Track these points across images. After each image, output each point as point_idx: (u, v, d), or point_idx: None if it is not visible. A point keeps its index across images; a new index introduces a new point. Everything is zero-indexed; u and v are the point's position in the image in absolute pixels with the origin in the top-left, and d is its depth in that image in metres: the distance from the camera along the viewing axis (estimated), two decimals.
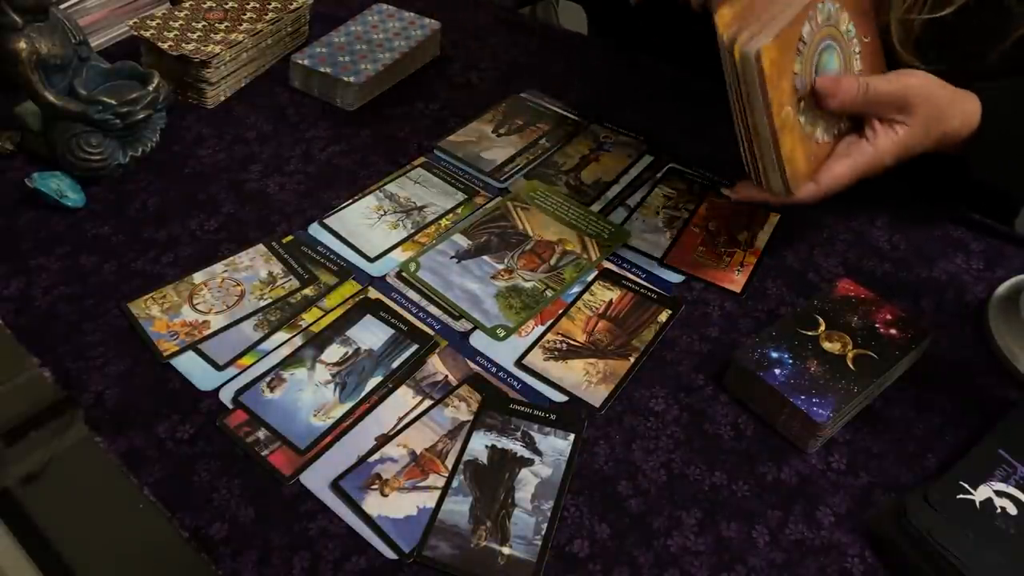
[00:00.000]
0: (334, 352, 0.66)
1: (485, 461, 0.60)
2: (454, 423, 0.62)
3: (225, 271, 0.72)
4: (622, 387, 0.65)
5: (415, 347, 0.67)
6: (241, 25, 0.91)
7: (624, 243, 0.77)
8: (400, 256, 0.75)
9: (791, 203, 0.68)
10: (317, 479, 0.59)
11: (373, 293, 0.71)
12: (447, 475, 0.59)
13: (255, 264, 0.73)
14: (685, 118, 0.92)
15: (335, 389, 0.64)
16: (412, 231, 0.77)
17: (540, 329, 0.69)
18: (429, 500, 0.58)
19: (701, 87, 0.93)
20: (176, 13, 0.92)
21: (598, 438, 0.62)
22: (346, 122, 0.89)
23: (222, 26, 0.91)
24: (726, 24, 0.62)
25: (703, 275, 0.75)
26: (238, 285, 0.71)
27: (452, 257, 0.75)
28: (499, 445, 0.61)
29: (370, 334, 0.68)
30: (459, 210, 0.80)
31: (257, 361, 0.65)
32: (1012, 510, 0.56)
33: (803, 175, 0.66)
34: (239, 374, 0.65)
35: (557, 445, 0.61)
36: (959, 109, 0.68)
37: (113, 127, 0.76)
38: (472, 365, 0.66)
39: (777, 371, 0.62)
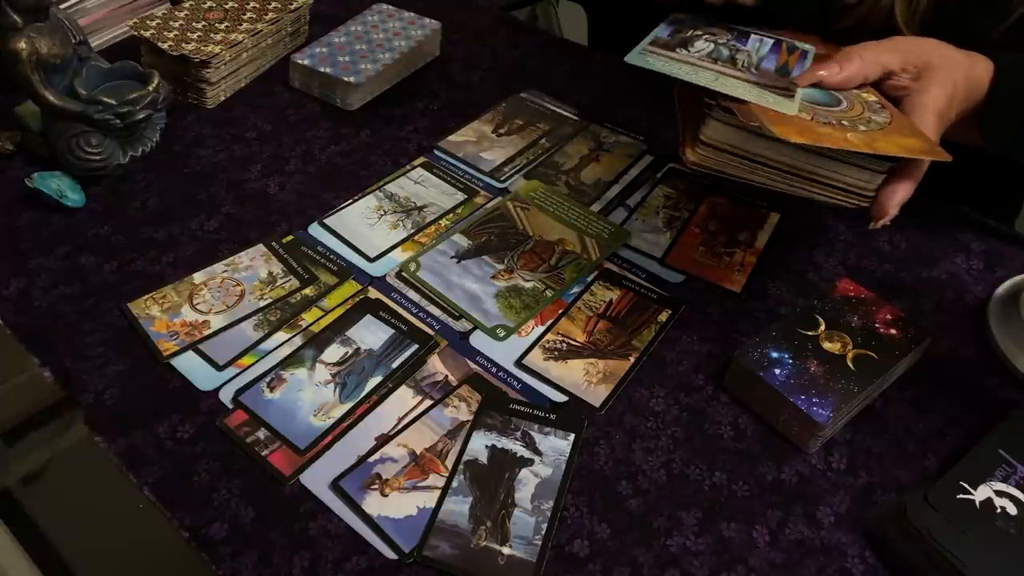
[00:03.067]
0: (334, 352, 0.66)
1: (485, 461, 0.60)
2: (454, 423, 0.62)
3: (225, 271, 0.72)
4: (622, 387, 0.65)
5: (415, 347, 0.67)
6: (241, 25, 0.91)
7: (624, 243, 0.77)
8: (400, 256, 0.75)
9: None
10: (317, 479, 0.59)
11: (373, 293, 0.71)
12: (447, 475, 0.59)
13: (255, 264, 0.73)
14: None
15: (335, 389, 0.64)
16: (412, 231, 0.77)
17: (540, 329, 0.69)
18: (429, 500, 0.58)
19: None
20: (176, 13, 0.92)
21: (598, 438, 0.62)
22: (346, 122, 0.89)
23: (222, 26, 0.90)
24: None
25: (703, 275, 0.75)
26: (238, 285, 0.71)
27: (452, 257, 0.75)
28: (499, 445, 0.61)
29: (370, 334, 0.68)
30: (459, 210, 0.80)
31: (257, 361, 0.65)
32: (1012, 510, 0.56)
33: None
34: (239, 374, 0.65)
35: (557, 445, 0.61)
36: (974, 59, 0.65)
37: (113, 127, 0.76)
38: (472, 365, 0.66)
39: (777, 371, 0.62)
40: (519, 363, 0.67)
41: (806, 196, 0.62)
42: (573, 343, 0.68)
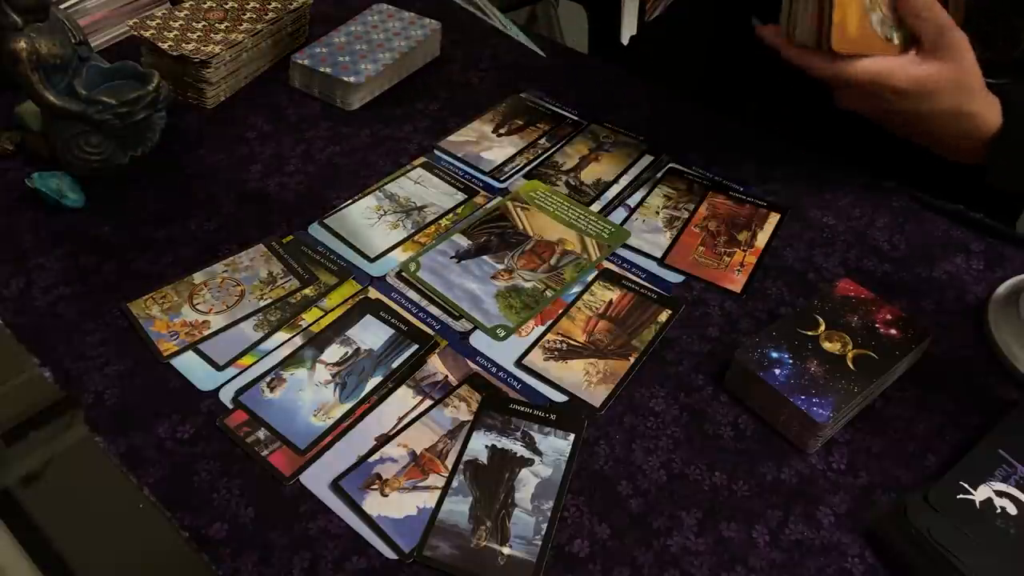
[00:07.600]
0: (334, 352, 0.66)
1: (485, 461, 0.60)
2: (454, 423, 0.62)
3: (225, 271, 0.72)
4: (622, 387, 0.65)
5: (415, 347, 0.67)
6: (241, 25, 0.91)
7: (624, 243, 0.77)
8: (400, 256, 0.75)
9: (806, 65, 0.66)
10: (317, 479, 0.59)
11: (373, 293, 0.71)
12: (447, 475, 0.59)
13: (255, 264, 0.73)
14: (685, 118, 0.92)
15: (335, 389, 0.64)
16: (412, 231, 0.77)
17: (540, 329, 0.69)
18: (429, 500, 0.58)
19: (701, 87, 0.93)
20: (176, 13, 0.92)
21: (598, 438, 0.62)
22: (346, 122, 0.89)
23: (222, 26, 0.90)
24: None
25: (703, 275, 0.75)
26: (238, 285, 0.71)
27: (452, 257, 0.75)
28: (499, 445, 0.61)
29: (370, 334, 0.68)
30: (459, 210, 0.80)
31: (257, 361, 0.65)
32: (1012, 510, 0.56)
33: (848, 37, 0.64)
34: (239, 374, 0.65)
35: (557, 445, 0.61)
36: (985, 96, 0.67)
37: (113, 127, 0.76)
38: (472, 365, 0.66)
39: (777, 371, 0.62)
40: (519, 363, 0.67)
41: None
42: (573, 343, 0.68)
